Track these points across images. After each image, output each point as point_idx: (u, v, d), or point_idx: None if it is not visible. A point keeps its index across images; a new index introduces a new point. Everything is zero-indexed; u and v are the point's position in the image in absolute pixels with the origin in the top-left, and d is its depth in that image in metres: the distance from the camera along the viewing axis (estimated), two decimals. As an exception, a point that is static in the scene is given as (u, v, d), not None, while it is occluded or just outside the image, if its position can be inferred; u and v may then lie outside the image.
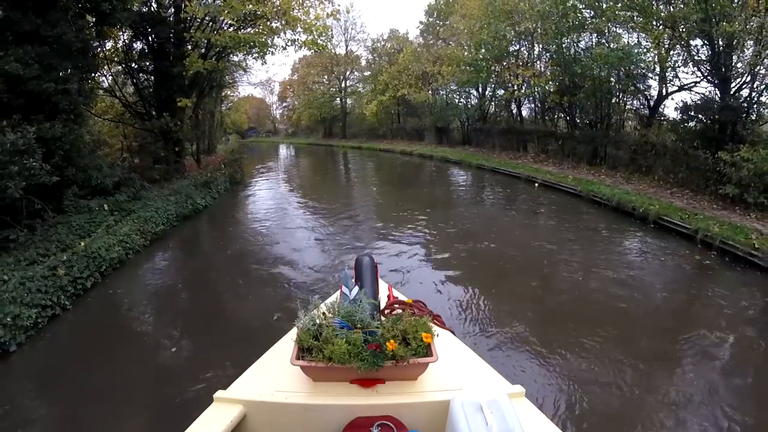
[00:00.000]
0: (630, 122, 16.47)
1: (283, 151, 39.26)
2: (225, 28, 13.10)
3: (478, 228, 9.44)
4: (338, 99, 40.80)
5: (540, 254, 7.54)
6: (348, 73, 39.79)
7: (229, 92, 26.12)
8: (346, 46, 38.24)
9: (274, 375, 1.99)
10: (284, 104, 56.96)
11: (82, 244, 6.56)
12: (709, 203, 9.70)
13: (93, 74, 10.37)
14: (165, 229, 8.63)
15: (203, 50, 14.23)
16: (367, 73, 37.84)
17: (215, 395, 1.86)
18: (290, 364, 1.83)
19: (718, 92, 11.73)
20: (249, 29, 14.14)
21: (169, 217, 9.01)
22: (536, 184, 13.55)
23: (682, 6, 11.23)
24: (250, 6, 11.87)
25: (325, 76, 41.05)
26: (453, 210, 11.60)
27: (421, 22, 31.67)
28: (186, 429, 1.66)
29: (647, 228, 8.67)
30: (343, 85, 40.13)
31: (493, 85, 22.25)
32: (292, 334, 1.98)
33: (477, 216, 10.90)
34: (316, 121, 43.75)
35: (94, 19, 9.56)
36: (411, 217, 10.31)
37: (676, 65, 12.72)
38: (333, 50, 32.15)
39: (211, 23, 13.29)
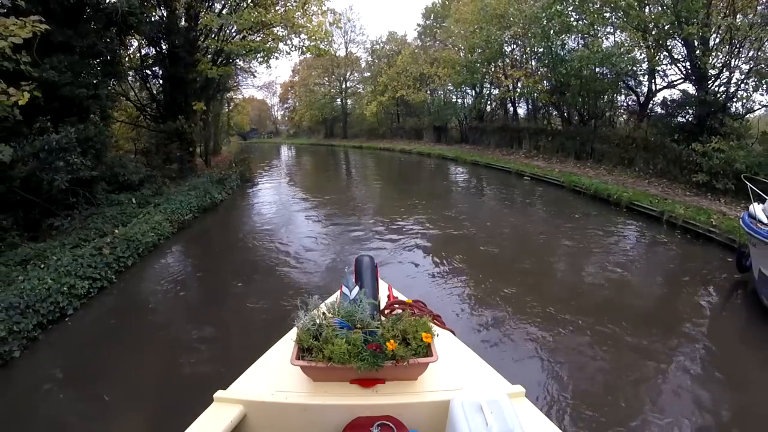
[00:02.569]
0: (622, 118, 17.38)
1: (286, 151, 40.21)
2: (234, 36, 14.03)
3: (467, 211, 10.75)
4: (339, 100, 41.73)
5: (514, 228, 8.92)
6: (348, 74, 40.69)
7: (232, 94, 27.06)
8: (346, 48, 39.17)
9: (274, 375, 2.00)
10: (285, 105, 57.94)
11: (117, 231, 7.46)
12: (683, 190, 10.58)
13: (119, 80, 11.32)
14: (189, 219, 9.61)
15: (212, 56, 15.17)
16: (366, 74, 38.74)
17: (215, 395, 1.87)
18: (290, 364, 1.84)
19: (695, 89, 12.66)
20: (255, 36, 15.12)
21: (192, 208, 9.98)
22: (525, 178, 14.45)
23: (659, 9, 12.12)
24: (257, 14, 12.77)
25: (326, 78, 41.92)
26: (446, 199, 12.79)
27: (418, 25, 32.62)
28: (186, 429, 1.68)
29: (619, 212, 9.64)
30: (343, 86, 41.03)
31: (488, 85, 23.20)
32: (292, 334, 1.98)
33: (467, 203, 12.22)
34: (318, 121, 44.77)
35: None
36: (409, 204, 11.50)
37: (659, 64, 13.63)
38: (335, 53, 33.04)
39: (220, 31, 14.23)
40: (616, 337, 4.59)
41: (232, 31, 13.98)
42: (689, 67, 12.54)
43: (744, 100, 12.15)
